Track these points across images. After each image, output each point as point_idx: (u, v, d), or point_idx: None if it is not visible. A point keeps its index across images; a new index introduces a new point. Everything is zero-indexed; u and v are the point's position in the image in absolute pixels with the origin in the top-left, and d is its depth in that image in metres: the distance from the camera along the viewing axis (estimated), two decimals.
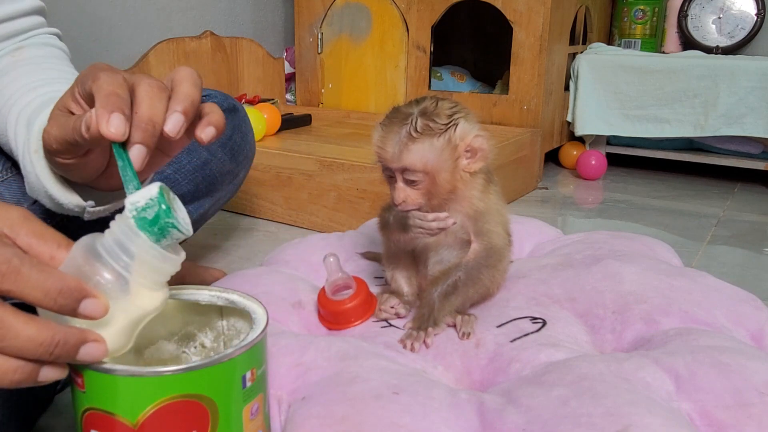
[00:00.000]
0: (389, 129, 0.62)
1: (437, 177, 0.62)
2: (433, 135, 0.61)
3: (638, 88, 1.63)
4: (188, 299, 0.49)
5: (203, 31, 1.60)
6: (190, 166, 0.82)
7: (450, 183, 0.63)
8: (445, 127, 0.61)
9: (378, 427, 0.49)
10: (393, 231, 0.67)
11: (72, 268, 0.39)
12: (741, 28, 1.76)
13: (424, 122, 0.61)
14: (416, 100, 0.64)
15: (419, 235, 0.65)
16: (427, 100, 0.63)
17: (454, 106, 0.63)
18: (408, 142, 0.61)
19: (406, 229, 0.65)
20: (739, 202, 1.49)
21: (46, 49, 0.70)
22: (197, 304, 0.50)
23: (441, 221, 0.64)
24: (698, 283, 0.70)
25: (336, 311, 0.68)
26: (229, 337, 0.51)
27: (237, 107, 0.90)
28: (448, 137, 0.61)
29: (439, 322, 0.65)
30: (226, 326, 0.51)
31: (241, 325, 0.50)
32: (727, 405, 0.51)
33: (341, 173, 1.20)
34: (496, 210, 0.67)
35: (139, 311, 0.41)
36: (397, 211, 0.65)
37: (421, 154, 0.61)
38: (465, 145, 0.62)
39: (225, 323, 0.51)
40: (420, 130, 0.61)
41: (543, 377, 0.54)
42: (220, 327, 0.51)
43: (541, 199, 1.50)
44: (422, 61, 1.70)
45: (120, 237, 0.40)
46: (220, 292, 0.50)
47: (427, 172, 0.61)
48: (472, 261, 0.66)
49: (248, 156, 0.92)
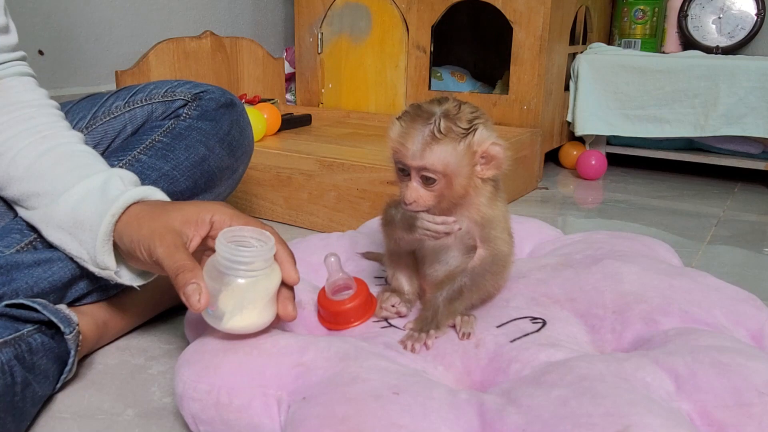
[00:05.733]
0: (411, 126, 0.61)
1: (454, 180, 0.61)
2: (456, 138, 0.60)
3: (638, 88, 1.63)
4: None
5: (203, 31, 1.60)
6: (188, 163, 0.82)
7: (464, 188, 0.63)
8: (465, 132, 0.61)
9: (378, 427, 0.49)
10: (397, 229, 0.66)
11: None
12: (741, 28, 1.76)
13: (448, 124, 0.60)
14: (437, 100, 0.63)
15: (424, 237, 0.65)
16: (449, 102, 0.62)
17: (474, 111, 0.63)
18: (431, 141, 0.60)
19: (413, 229, 0.64)
20: (739, 202, 1.49)
21: (24, 80, 0.79)
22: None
23: (448, 225, 0.63)
24: (698, 283, 0.70)
25: (336, 311, 0.68)
26: None
27: (235, 102, 0.90)
28: (468, 142, 0.61)
29: (442, 325, 0.64)
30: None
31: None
32: (727, 405, 0.51)
33: (341, 173, 1.20)
34: (502, 218, 0.67)
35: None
36: (405, 210, 0.64)
37: (444, 155, 0.60)
38: (482, 151, 0.62)
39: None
40: (444, 132, 0.60)
41: (543, 377, 0.54)
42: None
43: (541, 199, 1.50)
44: (422, 61, 1.70)
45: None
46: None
47: (446, 174, 0.61)
48: (479, 267, 0.65)
49: (247, 151, 0.93)
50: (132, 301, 0.80)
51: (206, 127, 0.85)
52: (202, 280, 0.57)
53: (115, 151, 0.83)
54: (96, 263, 0.66)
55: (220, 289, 0.57)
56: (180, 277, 0.57)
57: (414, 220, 0.64)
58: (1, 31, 0.77)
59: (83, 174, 0.69)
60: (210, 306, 0.58)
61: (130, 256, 0.64)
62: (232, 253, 0.56)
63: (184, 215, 0.62)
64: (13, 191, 0.72)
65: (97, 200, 0.66)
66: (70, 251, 0.68)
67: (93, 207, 0.65)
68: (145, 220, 0.62)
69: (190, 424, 0.59)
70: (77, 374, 0.71)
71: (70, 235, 0.67)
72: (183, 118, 0.85)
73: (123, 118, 0.87)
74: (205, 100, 0.87)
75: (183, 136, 0.83)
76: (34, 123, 0.74)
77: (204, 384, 0.57)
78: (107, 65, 1.52)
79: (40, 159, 0.71)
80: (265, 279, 0.58)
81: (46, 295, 0.70)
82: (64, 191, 0.68)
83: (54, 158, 0.71)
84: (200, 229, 0.62)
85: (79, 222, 0.66)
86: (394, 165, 0.64)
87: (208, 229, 0.62)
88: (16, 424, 0.59)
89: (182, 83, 0.89)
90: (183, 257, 0.58)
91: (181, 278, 0.57)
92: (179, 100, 0.87)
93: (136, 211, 0.64)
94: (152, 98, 0.87)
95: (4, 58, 0.77)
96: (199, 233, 0.62)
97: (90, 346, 0.75)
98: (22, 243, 0.71)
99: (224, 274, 0.57)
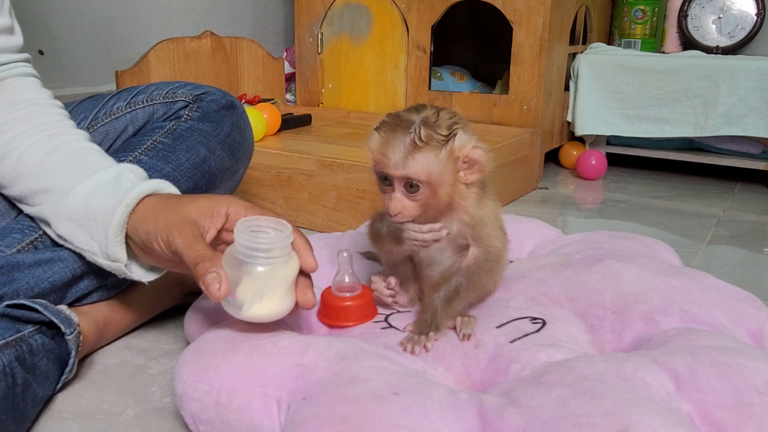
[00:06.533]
0: (391, 135, 0.61)
1: (438, 189, 0.61)
2: (437, 146, 0.60)
3: (638, 88, 1.63)
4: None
5: (203, 31, 1.60)
6: (189, 164, 0.83)
7: (449, 195, 0.62)
8: (446, 138, 0.60)
9: (378, 427, 0.49)
10: (385, 242, 0.66)
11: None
12: (741, 28, 1.76)
13: (428, 132, 0.60)
14: (415, 107, 0.62)
15: (413, 247, 0.65)
16: (427, 109, 0.62)
17: (453, 117, 0.62)
18: (413, 150, 0.60)
19: (400, 241, 0.64)
20: (739, 202, 1.49)
21: (28, 80, 0.78)
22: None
23: (435, 233, 0.63)
24: (698, 283, 0.70)
25: (336, 306, 0.68)
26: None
27: (235, 104, 0.91)
28: (449, 148, 0.60)
29: (441, 327, 0.64)
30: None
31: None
32: (727, 405, 0.51)
33: (341, 173, 1.20)
34: (493, 215, 0.67)
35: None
36: (391, 223, 0.64)
37: (426, 163, 0.60)
38: (463, 156, 0.61)
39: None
40: (425, 140, 0.59)
41: (543, 378, 0.54)
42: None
43: (541, 199, 1.50)
44: (422, 61, 1.70)
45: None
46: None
47: (430, 182, 0.61)
48: (473, 265, 0.65)
49: (247, 153, 0.93)
50: (132, 300, 0.80)
51: (207, 129, 0.85)
52: (221, 269, 0.57)
53: (116, 151, 0.83)
54: (107, 255, 0.66)
55: (240, 277, 0.58)
56: (200, 267, 0.57)
57: (401, 231, 0.64)
58: (6, 32, 0.77)
59: (93, 169, 0.69)
60: (230, 295, 0.58)
61: (144, 249, 0.64)
62: (251, 240, 0.57)
63: (200, 207, 0.63)
64: (20, 189, 0.72)
65: (109, 192, 0.66)
66: (79, 244, 0.68)
67: (106, 198, 0.66)
68: (161, 212, 0.62)
69: (190, 424, 0.59)
70: (77, 374, 0.71)
71: (81, 227, 0.67)
72: (184, 119, 0.86)
73: (124, 119, 0.87)
74: (206, 101, 0.87)
75: (184, 137, 0.84)
76: (40, 121, 0.74)
77: (204, 384, 0.57)
78: (107, 65, 1.53)
79: (48, 156, 0.71)
80: (283, 266, 0.59)
81: (47, 296, 0.70)
82: (74, 186, 0.68)
83: (62, 155, 0.71)
84: (216, 220, 0.63)
85: (91, 214, 0.66)
86: (376, 176, 0.64)
87: (224, 221, 0.63)
88: (16, 425, 0.59)
89: (183, 84, 0.89)
90: (202, 247, 0.59)
91: (200, 267, 0.57)
92: (180, 102, 0.87)
93: (150, 203, 0.64)
94: (153, 99, 0.87)
95: (8, 59, 0.77)
96: (215, 225, 0.63)
97: (90, 346, 0.75)
98: (23, 243, 0.71)
99: (243, 262, 0.58)
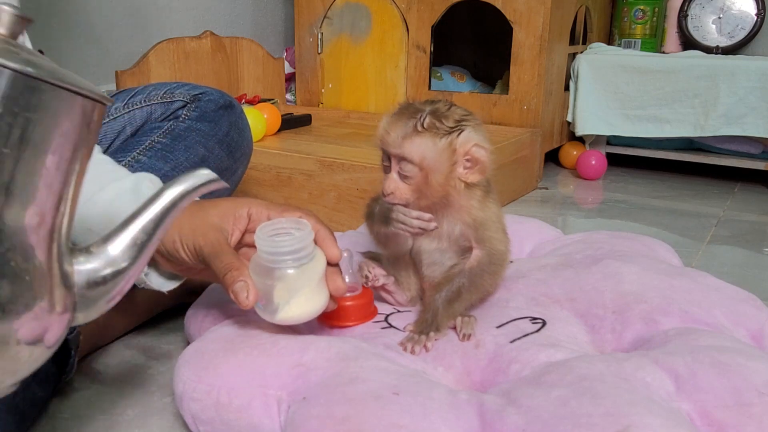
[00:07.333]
0: (398, 117, 0.63)
1: (430, 176, 0.62)
2: (437, 134, 0.61)
3: (638, 88, 1.63)
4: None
5: (203, 31, 1.60)
6: (187, 164, 0.83)
7: (442, 186, 0.63)
8: (449, 130, 0.62)
9: (378, 427, 0.49)
10: (375, 222, 0.67)
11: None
12: (741, 28, 1.76)
13: (432, 120, 0.61)
14: (431, 101, 0.64)
15: (399, 231, 0.65)
16: (441, 102, 0.64)
17: (466, 114, 0.63)
18: (412, 133, 0.61)
19: (388, 222, 0.65)
20: (739, 202, 1.49)
21: None
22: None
23: (423, 222, 0.64)
24: (698, 283, 0.70)
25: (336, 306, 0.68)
26: None
27: (233, 104, 0.91)
28: (450, 140, 0.62)
29: (442, 327, 0.64)
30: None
31: None
32: (727, 405, 0.51)
33: (341, 173, 1.20)
34: (495, 217, 0.67)
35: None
36: (383, 203, 0.65)
37: (422, 148, 0.61)
38: (464, 152, 0.62)
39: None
40: (426, 126, 0.61)
41: (543, 378, 0.54)
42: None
43: (541, 199, 1.50)
44: (422, 61, 1.70)
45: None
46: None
47: (423, 168, 0.62)
48: (476, 267, 0.66)
49: (245, 153, 0.93)
50: (132, 300, 0.80)
51: (205, 129, 0.85)
52: (249, 278, 0.58)
53: (114, 152, 0.83)
54: None
55: (273, 284, 0.58)
56: (228, 277, 0.57)
57: (389, 212, 0.64)
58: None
59: (111, 178, 0.69)
60: (261, 301, 0.59)
61: (168, 257, 0.64)
62: (275, 246, 0.57)
63: (221, 211, 0.62)
64: None
65: (130, 200, 0.65)
66: None
67: (127, 206, 0.65)
68: (184, 218, 0.62)
69: (190, 424, 0.59)
70: (77, 374, 0.71)
71: (99, 236, 0.67)
72: (182, 119, 0.86)
73: (122, 120, 0.87)
74: (204, 101, 0.87)
75: (182, 137, 0.84)
76: None
77: (204, 384, 0.57)
78: (107, 65, 1.52)
79: None
80: (311, 263, 0.59)
81: None
82: (92, 195, 0.67)
83: None
84: (239, 223, 0.63)
85: (112, 223, 0.66)
86: (381, 156, 0.65)
87: (247, 223, 0.63)
88: (16, 426, 0.59)
89: (181, 85, 0.89)
90: (229, 257, 0.59)
91: (229, 277, 0.57)
92: (178, 102, 0.87)
93: None
94: (151, 100, 0.87)
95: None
96: (238, 228, 0.62)
97: (90, 346, 0.74)
98: None
99: (272, 269, 0.58)
